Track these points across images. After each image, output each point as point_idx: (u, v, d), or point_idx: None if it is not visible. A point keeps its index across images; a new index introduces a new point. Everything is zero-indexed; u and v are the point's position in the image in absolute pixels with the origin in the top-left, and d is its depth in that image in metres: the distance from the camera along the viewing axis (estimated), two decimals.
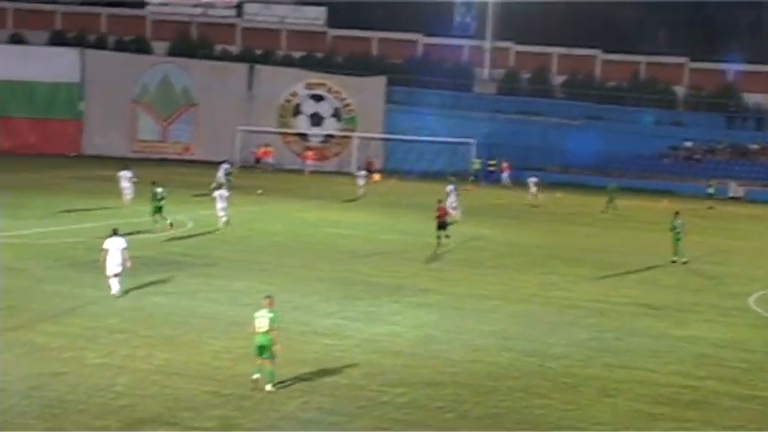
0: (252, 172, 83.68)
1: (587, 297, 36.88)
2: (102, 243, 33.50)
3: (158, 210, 48.64)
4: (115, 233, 33.30)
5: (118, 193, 57.50)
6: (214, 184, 57.11)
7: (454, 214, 55.67)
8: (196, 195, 62.11)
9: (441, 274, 40.35)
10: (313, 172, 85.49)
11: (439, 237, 47.66)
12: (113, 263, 32.64)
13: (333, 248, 45.90)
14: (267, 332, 23.54)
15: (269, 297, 24.13)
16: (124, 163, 62.41)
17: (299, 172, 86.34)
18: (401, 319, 31.60)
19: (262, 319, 23.63)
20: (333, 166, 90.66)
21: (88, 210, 53.63)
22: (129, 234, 44.31)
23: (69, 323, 28.74)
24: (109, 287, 32.75)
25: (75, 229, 47.05)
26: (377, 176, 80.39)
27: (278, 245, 46.02)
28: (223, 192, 51.80)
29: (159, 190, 49.06)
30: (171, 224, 48.17)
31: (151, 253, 41.51)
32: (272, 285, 35.65)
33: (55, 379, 23.42)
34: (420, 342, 28.87)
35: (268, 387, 23.48)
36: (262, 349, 23.58)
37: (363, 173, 70.52)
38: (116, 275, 32.69)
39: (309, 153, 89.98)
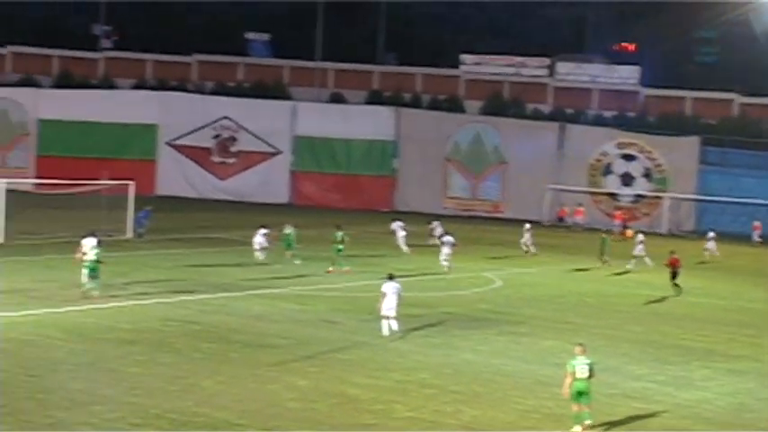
0: (556, 231, 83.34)
1: None
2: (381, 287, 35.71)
3: (338, 252, 50.91)
4: (391, 278, 35.53)
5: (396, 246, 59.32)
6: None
7: (647, 263, 59.05)
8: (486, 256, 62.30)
9: (756, 340, 38.93)
10: (622, 233, 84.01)
11: (674, 285, 50.72)
12: (388, 306, 34.77)
13: (643, 310, 45.15)
14: (587, 378, 24.78)
15: (581, 345, 25.49)
16: (395, 216, 64.80)
17: (608, 232, 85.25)
18: (713, 386, 30.64)
19: (582, 366, 24.80)
20: (643, 226, 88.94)
21: (402, 264, 54.76)
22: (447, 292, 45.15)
23: (380, 376, 29.32)
24: (381, 329, 34.93)
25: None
26: (630, 233, 78.26)
27: (587, 305, 45.61)
28: (450, 238, 54.23)
29: (340, 234, 51.15)
30: (346, 270, 50.00)
31: (461, 310, 41.98)
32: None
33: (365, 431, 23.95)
34: (733, 410, 27.89)
35: (587, 422, 24.78)
36: (581, 395, 24.72)
37: (528, 225, 66.01)
38: (389, 318, 34.81)
39: (618, 213, 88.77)
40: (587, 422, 24.79)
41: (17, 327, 33.15)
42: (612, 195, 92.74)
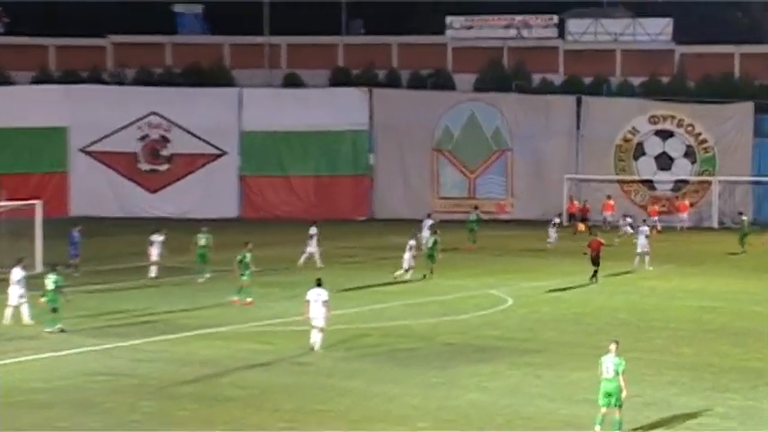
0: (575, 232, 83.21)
1: None
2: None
3: (245, 274, 50.20)
4: (319, 284, 39.02)
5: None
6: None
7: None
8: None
9: None
10: (661, 230, 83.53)
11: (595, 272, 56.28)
12: (314, 315, 38.55)
13: (694, 326, 45.27)
14: (614, 378, 27.57)
15: (616, 342, 28.63)
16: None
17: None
18: None
19: (607, 365, 27.79)
20: (688, 220, 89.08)
21: (383, 285, 54.81)
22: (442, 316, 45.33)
23: (366, 428, 29.28)
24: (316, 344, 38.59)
25: (369, 311, 48.13)
26: (582, 226, 78.25)
27: (622, 324, 45.60)
28: (412, 242, 57.76)
29: (246, 254, 50.58)
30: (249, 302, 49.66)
31: (463, 339, 41.99)
32: None
33: None
34: None
35: None
36: (609, 397, 27.51)
37: (557, 221, 71.87)
38: (321, 330, 38.64)
39: (653, 208, 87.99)
40: (598, 428, 27.65)
41: None
42: (648, 183, 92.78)
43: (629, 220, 78.63)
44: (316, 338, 38.73)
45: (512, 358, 38.34)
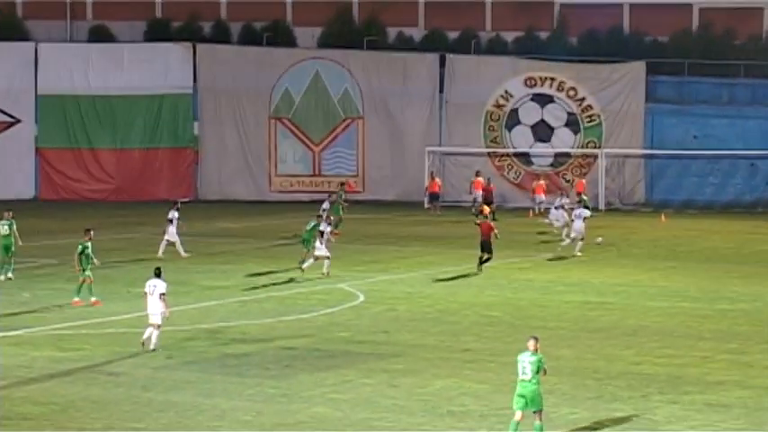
0: (436, 215, 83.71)
1: None
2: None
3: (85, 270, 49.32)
4: (157, 275, 40.46)
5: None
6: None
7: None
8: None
9: (742, 358, 39.80)
10: (543, 211, 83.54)
11: (481, 258, 57.59)
12: (153, 310, 39.73)
13: (576, 325, 45.82)
14: (532, 379, 28.25)
15: (534, 338, 28.97)
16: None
17: (522, 211, 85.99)
18: (684, 429, 31.28)
19: (525, 364, 28.39)
20: (572, 198, 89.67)
21: (211, 280, 54.71)
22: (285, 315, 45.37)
23: None
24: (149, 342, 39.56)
25: (194, 309, 48.03)
26: (487, 209, 78.32)
27: (493, 322, 46.04)
28: (324, 225, 57.61)
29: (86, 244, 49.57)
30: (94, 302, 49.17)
31: (306, 342, 42.06)
32: (487, 384, 35.78)
33: None
34: None
35: None
36: (525, 401, 28.28)
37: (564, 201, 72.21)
38: (157, 326, 39.59)
39: (539, 184, 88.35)
40: None
41: None
42: (523, 157, 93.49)
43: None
44: (149, 336, 39.57)
45: (364, 364, 38.53)
